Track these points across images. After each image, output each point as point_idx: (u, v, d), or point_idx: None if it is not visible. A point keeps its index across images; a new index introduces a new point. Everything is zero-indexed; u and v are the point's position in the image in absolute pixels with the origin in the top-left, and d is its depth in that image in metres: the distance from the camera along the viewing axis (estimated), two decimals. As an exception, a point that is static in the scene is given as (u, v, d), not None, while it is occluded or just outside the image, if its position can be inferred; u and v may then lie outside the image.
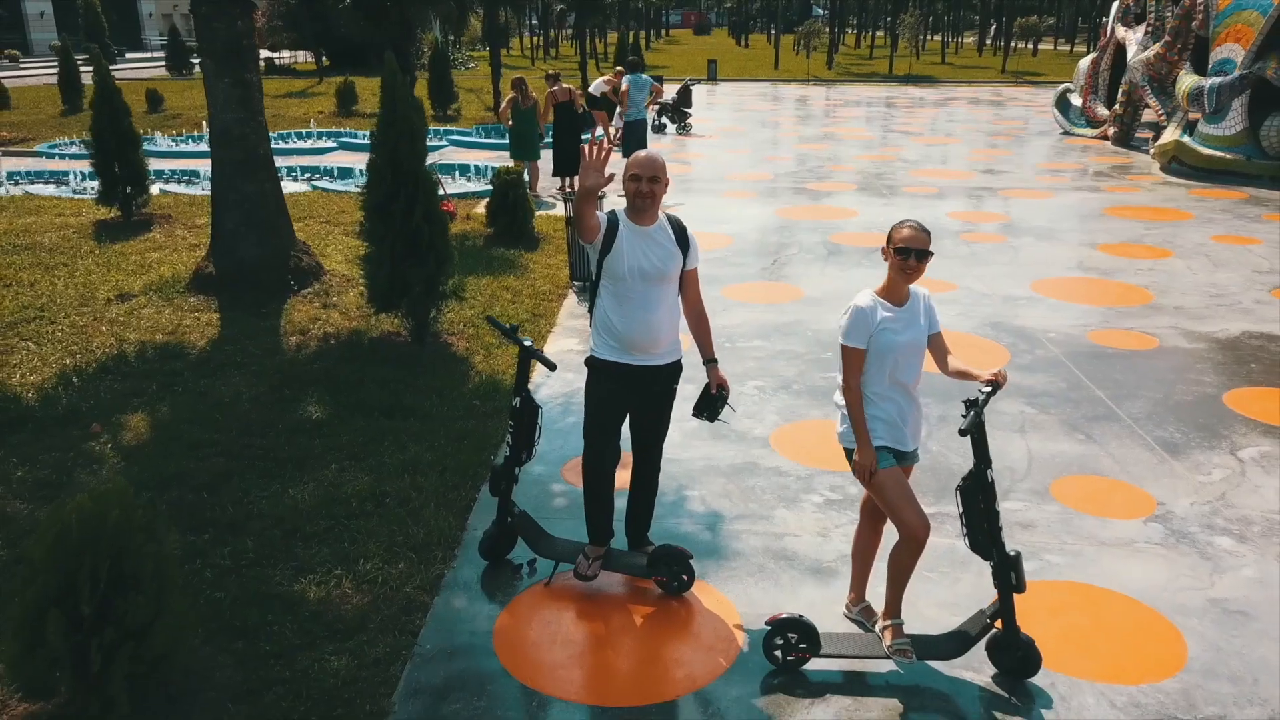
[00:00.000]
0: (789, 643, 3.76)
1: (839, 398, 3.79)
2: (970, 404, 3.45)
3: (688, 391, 4.33)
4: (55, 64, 46.37)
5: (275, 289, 8.33)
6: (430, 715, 3.56)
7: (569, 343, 7.56)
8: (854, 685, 3.77)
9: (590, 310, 4.21)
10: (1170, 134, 15.86)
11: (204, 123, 22.60)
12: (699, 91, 29.24)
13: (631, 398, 4.21)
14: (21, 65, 47.87)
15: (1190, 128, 15.49)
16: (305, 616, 4.07)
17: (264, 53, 53.14)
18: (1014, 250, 10.82)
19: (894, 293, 3.63)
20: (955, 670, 3.82)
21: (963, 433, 3.39)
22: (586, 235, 3.98)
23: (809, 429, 6.00)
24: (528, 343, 4.34)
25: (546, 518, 4.78)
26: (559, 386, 6.57)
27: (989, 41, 65.22)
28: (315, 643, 3.91)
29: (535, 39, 64.59)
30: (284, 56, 52.27)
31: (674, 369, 4.23)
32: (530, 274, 9.49)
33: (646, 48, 64.63)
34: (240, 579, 4.32)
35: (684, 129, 21.58)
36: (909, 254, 3.53)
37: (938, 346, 3.70)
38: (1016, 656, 3.72)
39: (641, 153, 4.11)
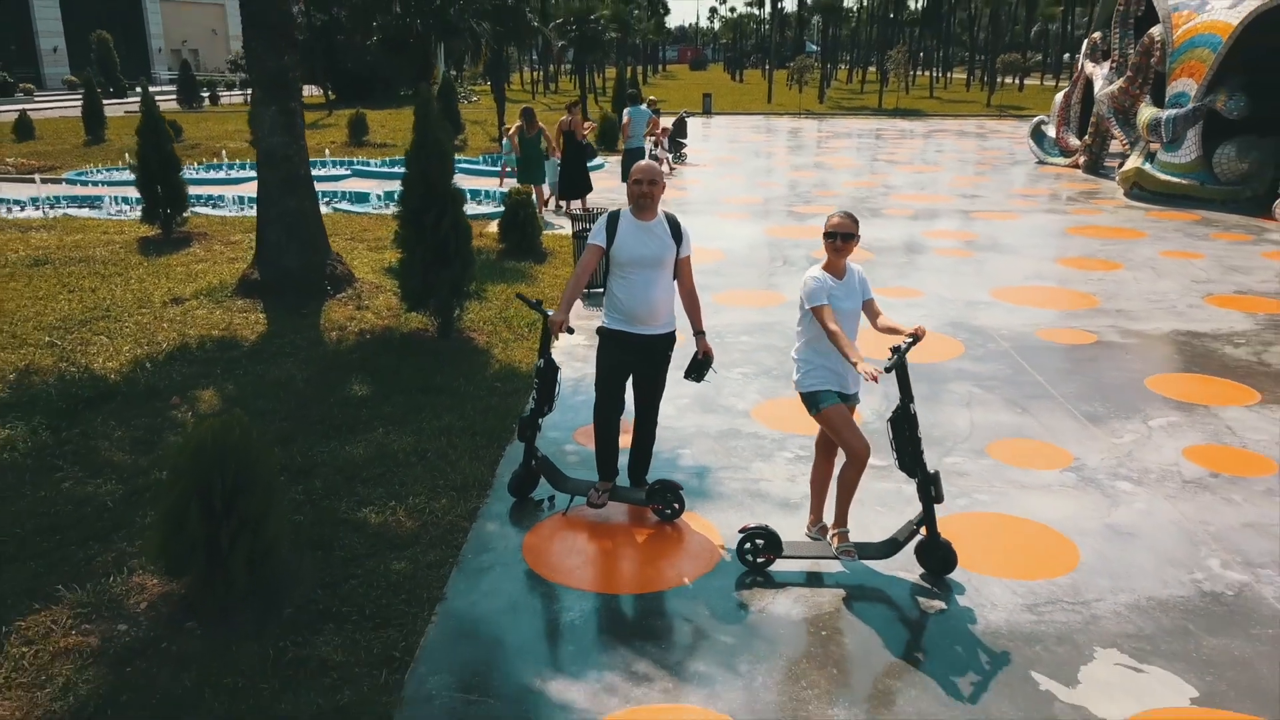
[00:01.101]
0: (757, 547, 4.73)
1: (795, 352, 4.80)
2: (895, 350, 4.45)
3: (681, 361, 5.32)
4: (68, 97, 47.61)
5: (313, 293, 9.35)
6: (476, 599, 4.53)
7: (575, 339, 8.56)
8: (810, 581, 4.74)
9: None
10: (1132, 162, 17.01)
11: (222, 152, 23.81)
12: (694, 124, 30.48)
13: (633, 361, 5.21)
14: (35, 98, 49.22)
15: (1151, 156, 16.63)
16: (368, 535, 5.04)
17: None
18: (979, 263, 11.88)
19: (834, 268, 4.65)
20: (891, 569, 4.79)
21: (887, 369, 4.40)
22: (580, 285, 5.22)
23: (784, 404, 6.98)
24: (550, 313, 5.34)
25: (562, 469, 5.76)
26: (569, 371, 7.55)
27: (976, 76, 66.91)
28: (378, 552, 4.87)
29: (535, 73, 66.22)
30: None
31: (669, 338, 5.24)
32: (540, 282, 10.52)
33: (644, 82, 66.29)
34: (313, 509, 5.29)
35: (679, 159, 22.73)
36: (835, 236, 4.58)
37: (871, 309, 4.73)
38: (938, 556, 4.69)
39: (642, 162, 5.17)
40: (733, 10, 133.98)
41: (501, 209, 12.55)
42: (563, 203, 14.60)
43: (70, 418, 6.43)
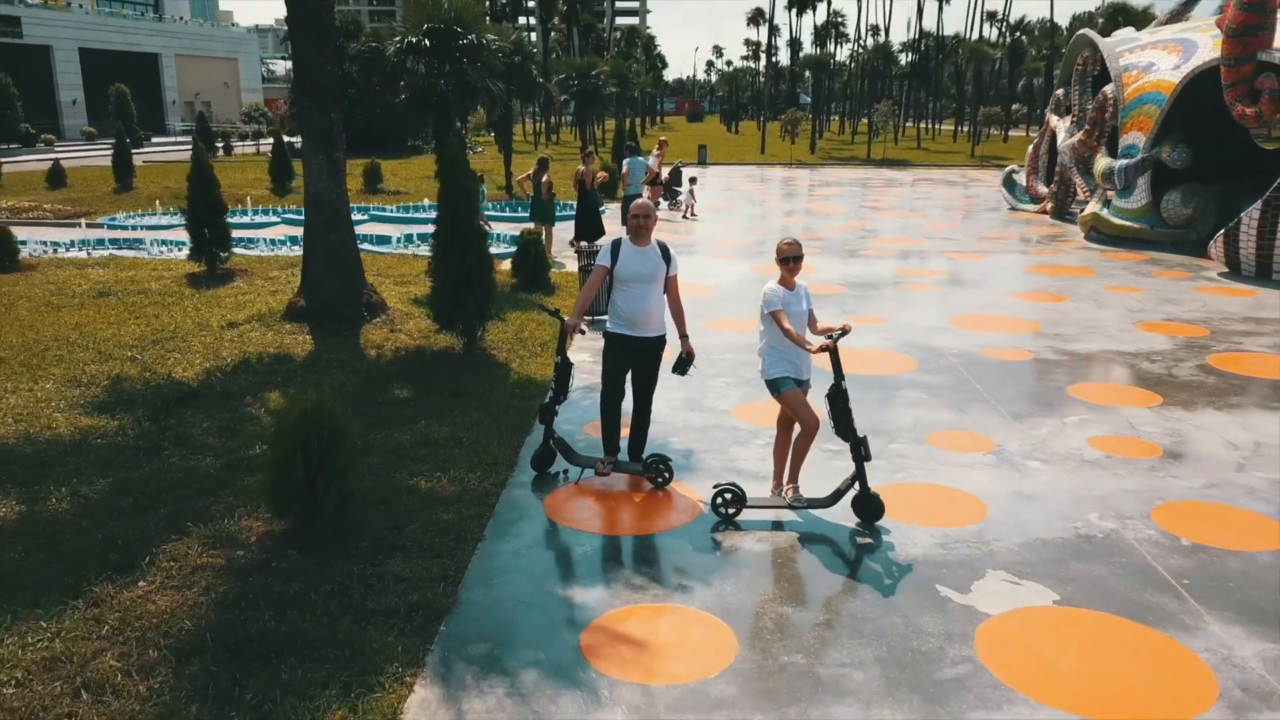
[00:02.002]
0: (726, 499, 6.01)
1: (759, 350, 6.13)
2: (829, 336, 5.79)
3: (671, 360, 6.64)
4: (86, 147, 49.38)
5: (352, 319, 10.70)
6: (508, 539, 5.80)
7: (580, 357, 9.87)
8: (771, 527, 6.02)
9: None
10: (1091, 207, 18.50)
11: (247, 199, 25.28)
12: (690, 173, 32.09)
13: (631, 358, 6.54)
14: (56, 148, 51.06)
15: (1107, 202, 18.12)
16: (420, 496, 6.31)
17: (286, 138, 56.53)
18: (942, 296, 13.27)
19: (786, 283, 6.01)
20: (833, 517, 6.07)
21: (821, 349, 5.72)
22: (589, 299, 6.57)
23: (759, 406, 8.27)
24: (567, 319, 6.66)
25: (573, 448, 7.06)
26: (576, 381, 8.86)
27: (963, 128, 69.18)
28: (429, 508, 6.14)
29: (537, 124, 68.41)
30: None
31: (661, 340, 6.57)
32: (541, 318, 11.85)
33: (642, 133, 68.46)
34: (374, 478, 6.56)
35: (674, 205, 24.26)
36: (788, 260, 5.94)
37: (812, 317, 6.09)
38: (870, 507, 5.97)
39: (638, 200, 6.55)
40: (729, 64, 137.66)
41: (513, 249, 13.94)
42: (581, 242, 15.99)
43: (165, 412, 7.74)
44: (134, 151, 50.86)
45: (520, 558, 5.59)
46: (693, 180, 24.15)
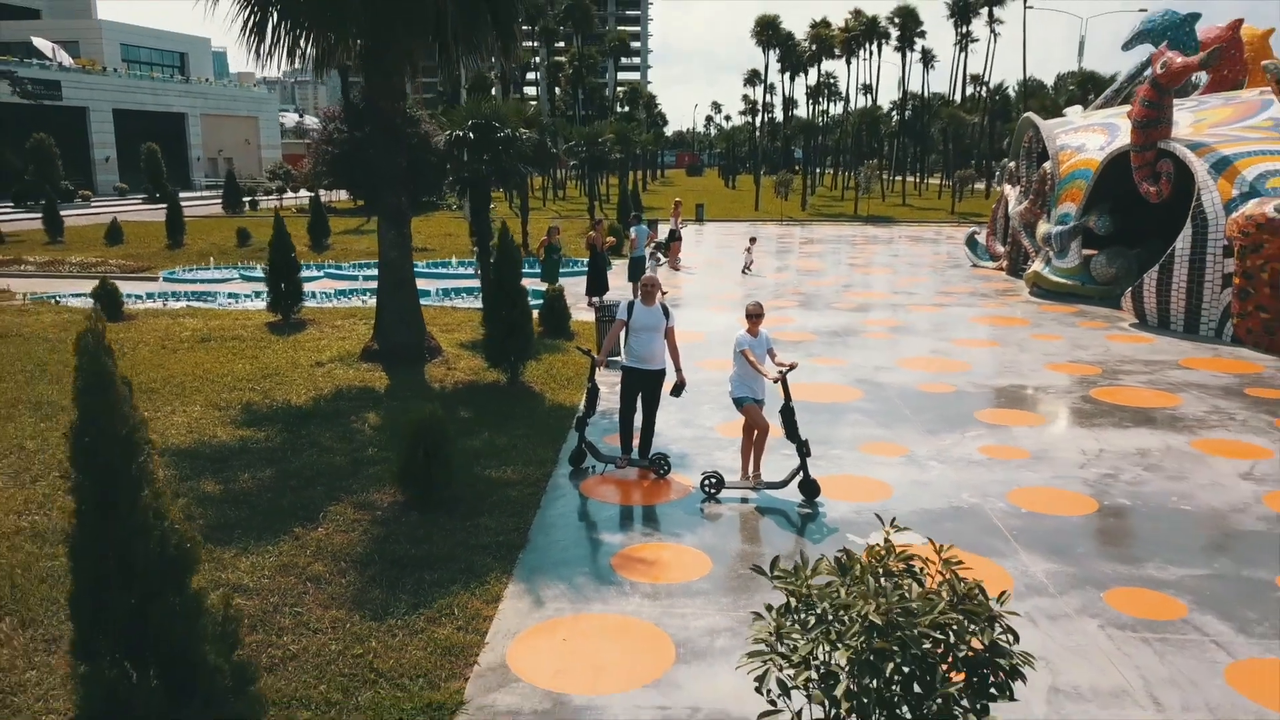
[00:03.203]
0: (710, 482, 8.67)
1: (729, 379, 8.84)
2: (781, 369, 8.51)
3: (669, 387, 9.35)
4: (119, 202, 52.29)
5: (416, 359, 13.41)
6: (556, 508, 8.46)
7: (604, 391, 12.52)
8: (739, 501, 8.67)
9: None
10: (1035, 266, 21.33)
11: (305, 251, 27.96)
12: (688, 230, 35.05)
13: (641, 385, 9.25)
14: (92, 203, 54.25)
15: (1048, 262, 20.95)
16: (492, 482, 8.96)
17: (305, 192, 59.70)
18: (894, 342, 16.00)
19: (752, 331, 8.74)
20: (784, 495, 8.73)
21: (774, 380, 8.42)
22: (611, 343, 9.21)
23: (734, 424, 10.89)
24: (595, 356, 9.37)
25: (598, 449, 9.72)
26: (600, 406, 11.53)
27: (949, 183, 72.59)
28: (501, 488, 8.80)
29: (545, 180, 71.79)
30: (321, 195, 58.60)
31: (662, 372, 9.29)
32: (571, 352, 14.58)
33: (644, 189, 71.86)
34: (460, 468, 9.22)
35: (656, 262, 27.04)
36: (751, 316, 8.68)
37: (772, 354, 8.81)
38: (810, 489, 8.62)
39: (648, 274, 9.33)
40: (727, 118, 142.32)
41: (539, 302, 16.70)
42: (594, 298, 18.78)
43: (294, 426, 10.42)
44: (161, 207, 54.07)
45: (566, 518, 8.25)
46: (752, 240, 26.84)
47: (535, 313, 16.97)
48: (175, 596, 3.97)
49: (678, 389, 9.22)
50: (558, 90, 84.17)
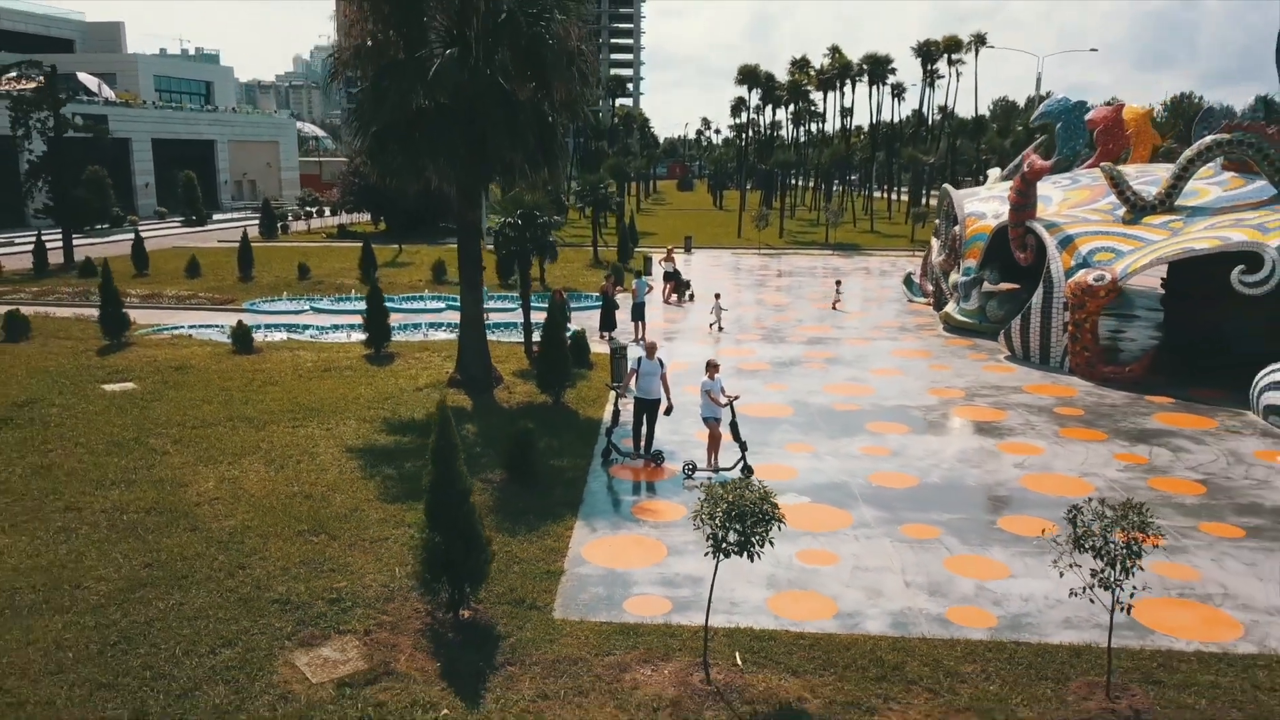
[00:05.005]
0: (690, 467, 14.57)
1: (700, 407, 14.75)
2: (729, 399, 14.43)
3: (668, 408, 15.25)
4: (160, 226, 57.78)
5: (486, 386, 19.24)
6: (596, 482, 14.36)
7: (611, 409, 18.33)
8: (707, 480, 14.57)
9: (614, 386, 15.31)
10: (947, 307, 27.28)
11: (352, 290, 33.66)
12: (680, 260, 40.90)
13: (644, 409, 15.19)
14: (140, 226, 59.76)
15: (956, 303, 26.89)
16: (555, 467, 14.80)
17: (331, 218, 65.41)
18: (825, 372, 21.91)
19: (710, 377, 14.66)
20: (731, 476, 14.64)
21: (724, 405, 14.33)
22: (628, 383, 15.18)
23: (705, 433, 16.79)
24: (616, 387, 15.29)
25: (619, 448, 15.60)
26: (620, 418, 17.36)
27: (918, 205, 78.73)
28: (561, 472, 14.65)
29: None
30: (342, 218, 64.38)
31: (658, 401, 15.24)
32: (591, 378, 20.42)
33: (638, 208, 77.80)
34: (536, 460, 15.06)
35: (691, 298, 32.70)
36: (710, 366, 14.62)
37: (723, 390, 14.75)
38: (747, 471, 14.50)
39: (651, 341, 15.29)
40: (717, 132, 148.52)
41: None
42: (605, 333, 24.71)
43: (422, 433, 16.23)
44: (196, 230, 59.72)
45: (602, 488, 14.12)
46: (717, 295, 31.28)
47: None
48: (466, 508, 9.83)
49: (668, 411, 15.14)
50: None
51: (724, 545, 8.91)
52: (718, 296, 28.37)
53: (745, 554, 8.90)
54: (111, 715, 8.34)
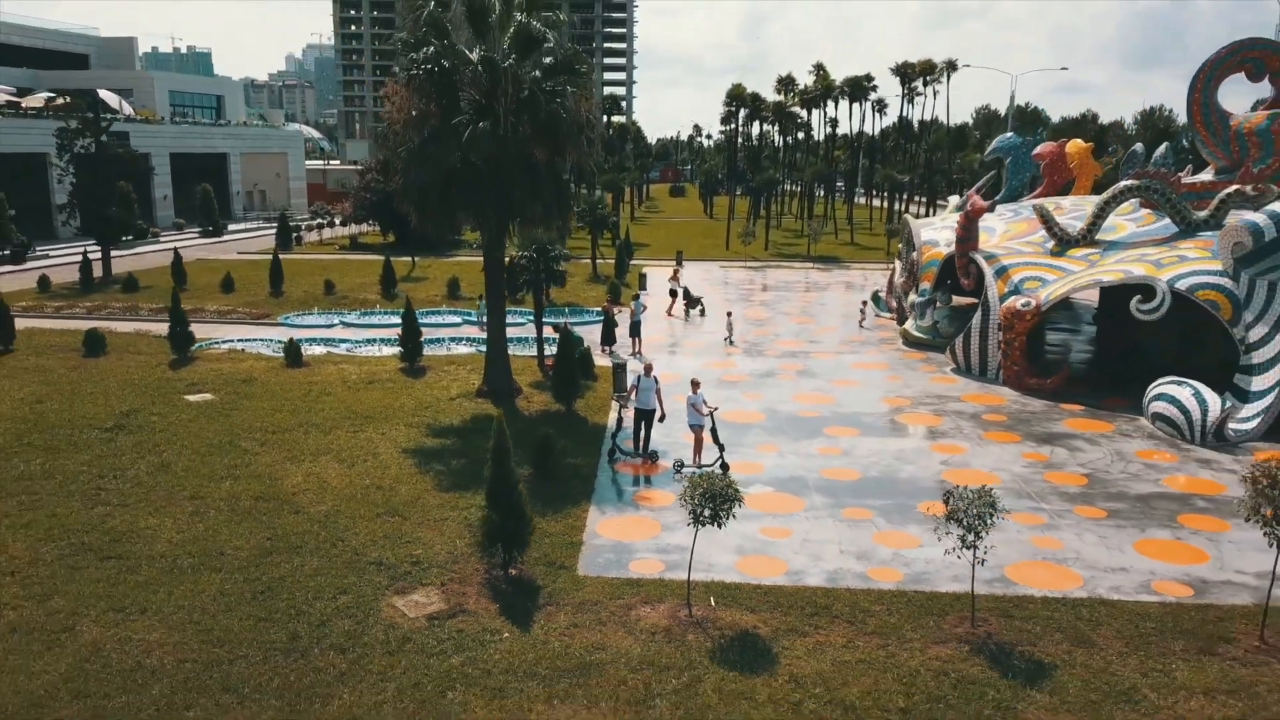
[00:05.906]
0: (679, 462, 18.28)
1: (687, 415, 18.47)
2: (711, 411, 18.15)
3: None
4: (178, 237, 61.02)
5: (509, 396, 22.90)
6: (605, 475, 18.07)
7: (615, 416, 22.00)
8: (691, 473, 18.29)
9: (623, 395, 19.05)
10: (906, 324, 31.04)
11: (376, 305, 37.26)
12: (666, 277, 44.56)
13: (643, 417, 18.92)
14: (161, 239, 63.14)
15: (913, 320, 30.63)
16: (570, 464, 18.48)
17: (341, 228, 68.89)
18: (795, 383, 25.63)
19: (694, 391, 18.38)
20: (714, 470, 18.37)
21: (706, 415, 18.04)
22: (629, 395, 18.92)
23: (691, 436, 20.47)
24: (621, 398, 19.01)
25: (621, 448, 19.29)
26: (623, 425, 21.02)
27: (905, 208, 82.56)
28: (576, 468, 18.33)
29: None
30: (352, 229, 67.86)
31: (654, 410, 18.96)
32: (596, 389, 24.10)
33: (631, 216, 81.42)
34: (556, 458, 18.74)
35: (702, 313, 36.28)
36: (694, 384, 18.36)
37: (705, 401, 18.50)
38: (724, 467, 18.20)
39: (649, 363, 19.04)
40: (709, 137, 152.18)
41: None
42: (606, 347, 28.38)
43: (461, 436, 19.89)
44: (214, 241, 63.14)
45: (609, 481, 17.82)
46: (729, 314, 33.98)
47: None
48: (515, 495, 13.52)
49: (662, 419, 18.87)
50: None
51: (701, 518, 12.53)
52: (730, 315, 32.41)
53: (715, 523, 12.53)
54: (274, 637, 12.00)
